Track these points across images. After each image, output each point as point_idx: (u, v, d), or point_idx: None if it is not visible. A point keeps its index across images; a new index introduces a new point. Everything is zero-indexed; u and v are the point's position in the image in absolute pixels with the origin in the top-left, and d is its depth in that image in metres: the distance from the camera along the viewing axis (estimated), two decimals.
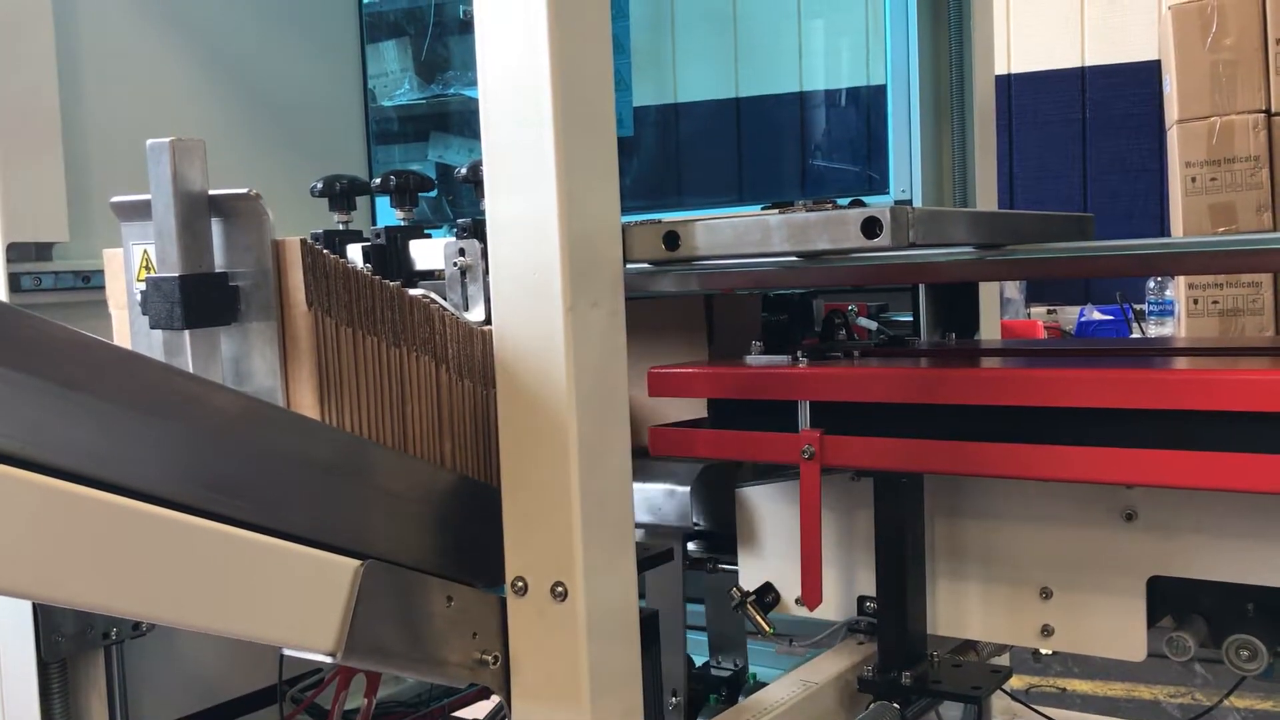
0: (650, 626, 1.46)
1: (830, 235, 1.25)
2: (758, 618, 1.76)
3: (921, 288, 2.24)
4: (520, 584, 1.35)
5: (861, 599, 1.72)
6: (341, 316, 1.27)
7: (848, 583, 1.74)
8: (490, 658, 1.36)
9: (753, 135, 3.01)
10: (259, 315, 1.26)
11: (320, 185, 1.64)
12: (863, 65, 2.84)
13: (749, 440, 1.57)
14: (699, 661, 2.46)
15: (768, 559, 1.81)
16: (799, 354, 1.56)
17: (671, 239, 1.35)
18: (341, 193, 1.62)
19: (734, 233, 1.31)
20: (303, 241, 1.24)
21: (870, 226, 1.22)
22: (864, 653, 1.67)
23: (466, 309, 1.51)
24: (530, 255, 1.31)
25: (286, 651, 1.31)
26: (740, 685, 1.94)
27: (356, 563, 1.23)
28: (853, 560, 1.74)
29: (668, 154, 3.15)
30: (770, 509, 1.80)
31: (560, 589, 1.33)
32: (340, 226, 1.66)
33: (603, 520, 1.35)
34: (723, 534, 1.80)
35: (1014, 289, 4.92)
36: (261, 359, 1.27)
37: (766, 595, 1.80)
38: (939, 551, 1.65)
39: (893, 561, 1.55)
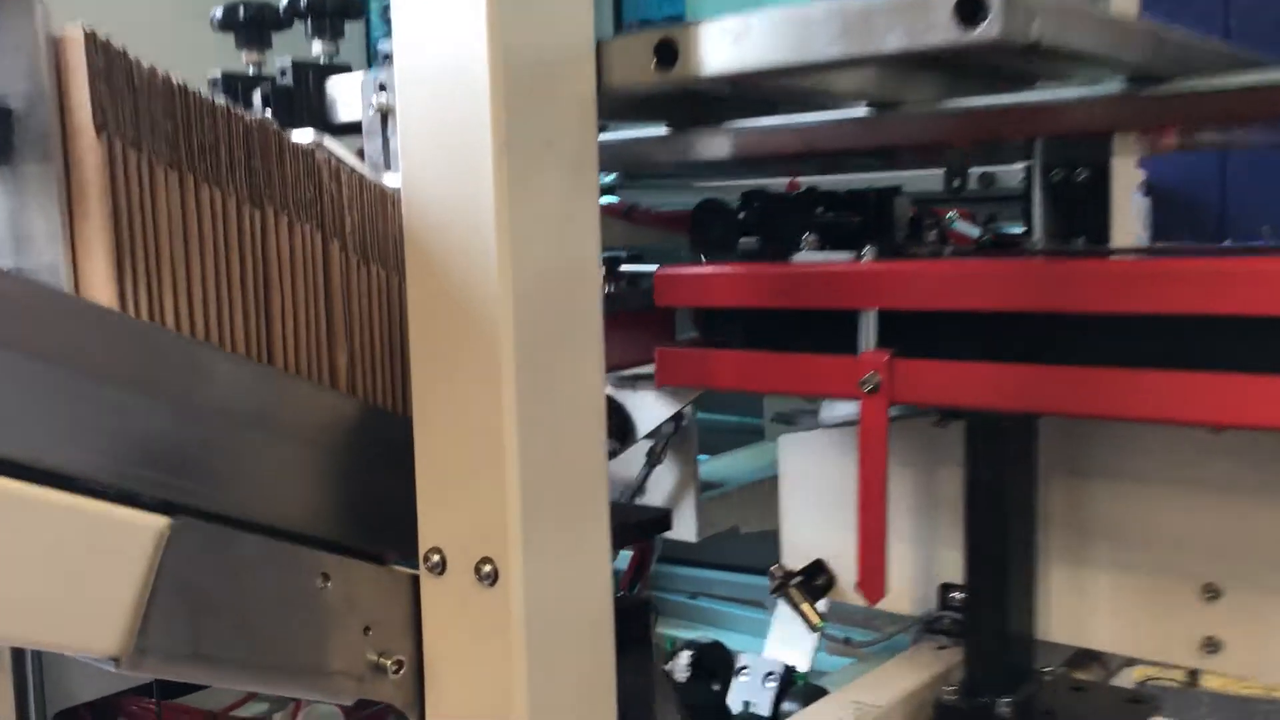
0: (633, 620, 1.03)
1: (908, 26, 0.78)
2: (804, 606, 1.32)
3: (1037, 189, 1.73)
4: (436, 559, 0.93)
5: (945, 589, 1.27)
6: (159, 153, 0.85)
7: (926, 566, 1.29)
8: (391, 663, 0.94)
9: None
10: (36, 151, 0.84)
11: (220, 14, 1.21)
12: None
13: (791, 365, 1.12)
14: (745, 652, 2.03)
15: (819, 529, 1.36)
16: (867, 252, 1.10)
17: (666, 52, 0.90)
18: (248, 23, 1.19)
19: (760, 37, 0.86)
20: (90, 36, 0.82)
21: (970, 9, 0.76)
22: (945, 662, 1.22)
23: (388, 167, 1.08)
24: (447, 68, 0.87)
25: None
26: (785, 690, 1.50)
27: (160, 521, 0.81)
28: (934, 536, 1.28)
29: None
30: (821, 463, 1.34)
31: (487, 569, 0.90)
32: (251, 70, 1.23)
33: (555, 471, 0.91)
34: None
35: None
36: (42, 216, 0.85)
37: (816, 577, 1.35)
38: (1054, 526, 1.19)
39: (990, 538, 1.09)
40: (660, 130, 1.22)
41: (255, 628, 0.86)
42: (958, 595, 1.25)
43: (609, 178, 1.91)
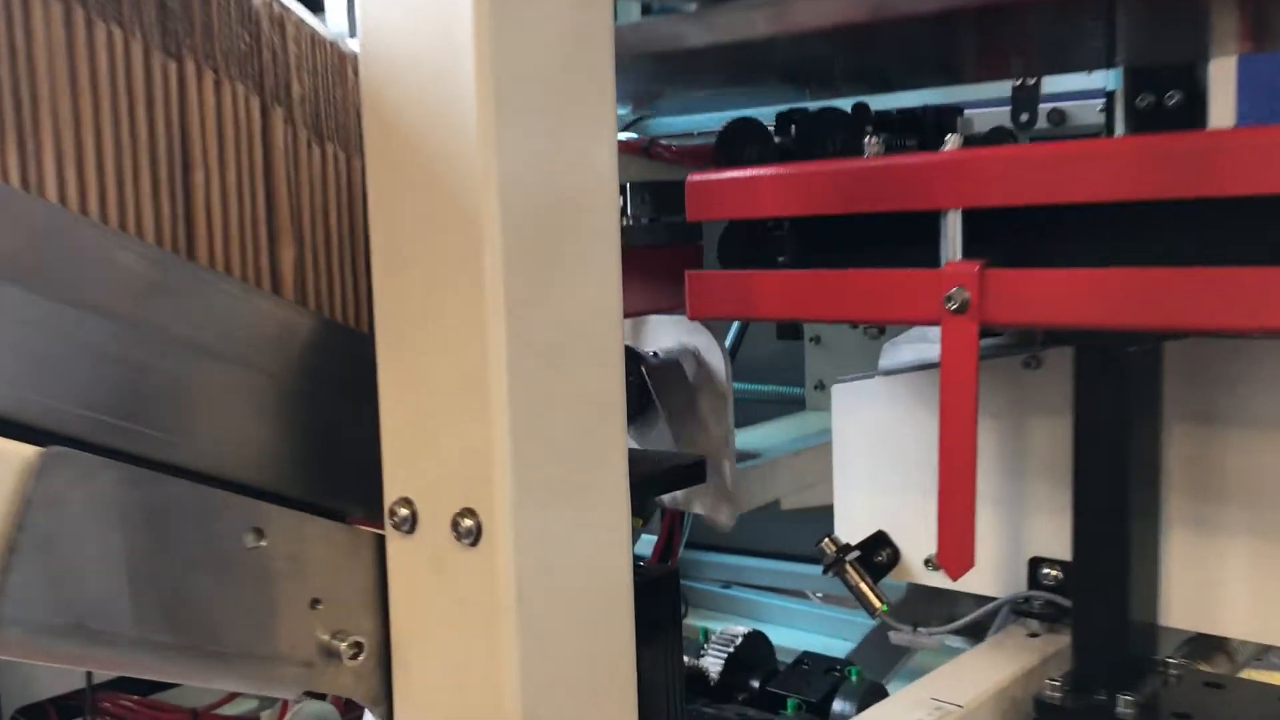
0: (660, 596, 0.82)
1: None
2: (862, 586, 1.10)
3: (1119, 120, 1.51)
4: (404, 513, 0.72)
5: (1036, 563, 1.05)
6: None
7: (1013, 538, 1.07)
8: (348, 646, 0.73)
9: None
10: None
11: None
12: None
13: (854, 285, 0.90)
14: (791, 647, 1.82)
15: (881, 495, 1.14)
16: (951, 140, 0.88)
17: None
18: None
19: None
20: None
21: None
22: (1039, 652, 1.00)
23: (354, 34, 0.88)
24: None
25: None
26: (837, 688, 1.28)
27: (25, 451, 0.60)
28: (1022, 501, 1.06)
29: None
30: (885, 415, 1.13)
31: (468, 523, 0.69)
32: None
33: (554, 402, 0.71)
34: None
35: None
36: None
37: (878, 552, 1.14)
38: (1173, 486, 0.97)
39: (1106, 500, 0.88)
40: (689, 6, 1.01)
41: (160, 596, 0.65)
42: (1052, 572, 1.03)
43: (623, 110, 1.70)
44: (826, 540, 1.13)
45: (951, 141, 0.87)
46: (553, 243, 0.70)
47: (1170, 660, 0.92)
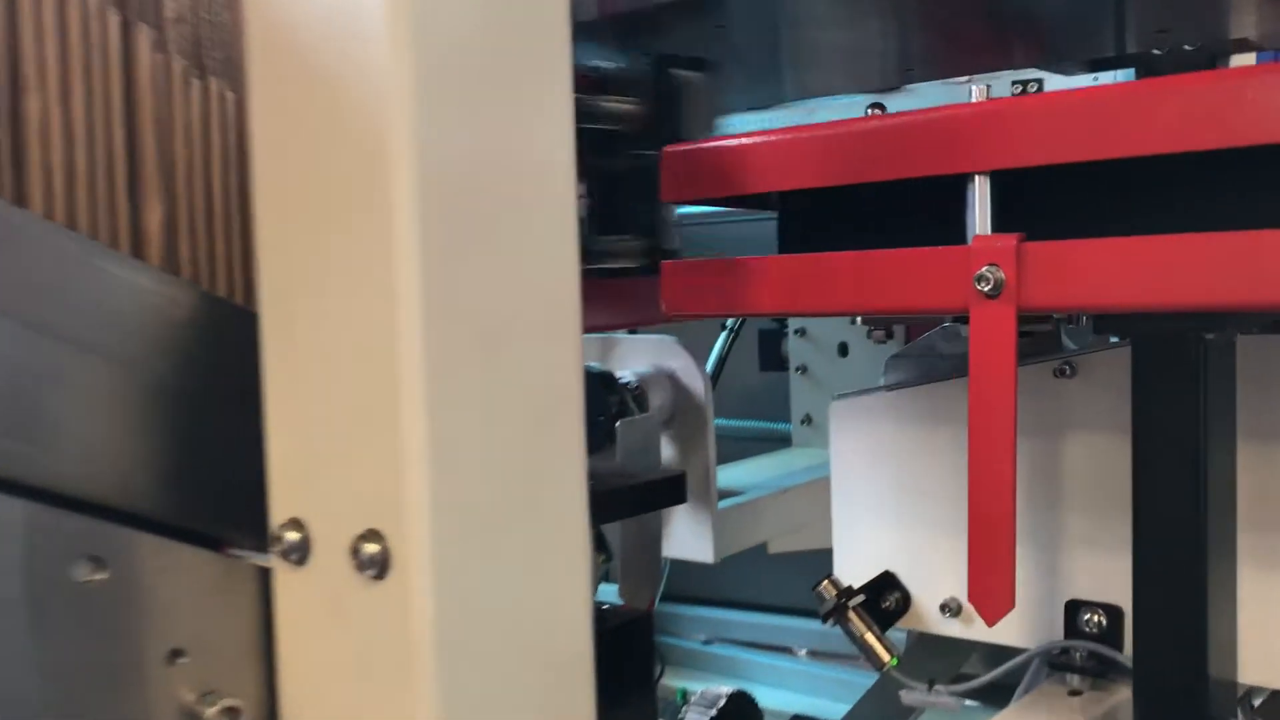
0: (630, 644, 0.65)
1: None
2: (868, 636, 0.94)
3: None
4: (293, 538, 0.56)
5: (1075, 608, 0.89)
6: None
7: (1044, 579, 0.91)
8: (219, 712, 0.56)
9: None
10: None
11: None
12: None
13: (861, 270, 0.75)
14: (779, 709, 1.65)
15: (888, 529, 0.98)
16: (977, 91, 0.74)
17: None
18: None
19: None
20: None
21: None
22: (1085, 713, 0.84)
23: None
24: None
25: None
26: None
27: None
28: (1054, 535, 0.91)
29: None
30: (892, 436, 0.97)
31: (372, 550, 0.53)
32: None
33: (486, 400, 0.55)
34: None
35: None
36: None
37: (885, 596, 0.97)
38: (1242, 516, 0.81)
39: (1176, 529, 0.72)
40: None
41: None
42: (1094, 617, 0.87)
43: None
44: (826, 583, 0.96)
45: (977, 93, 0.73)
46: (487, 206, 0.54)
47: None
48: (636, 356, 1.32)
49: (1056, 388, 0.89)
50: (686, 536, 1.34)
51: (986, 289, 0.69)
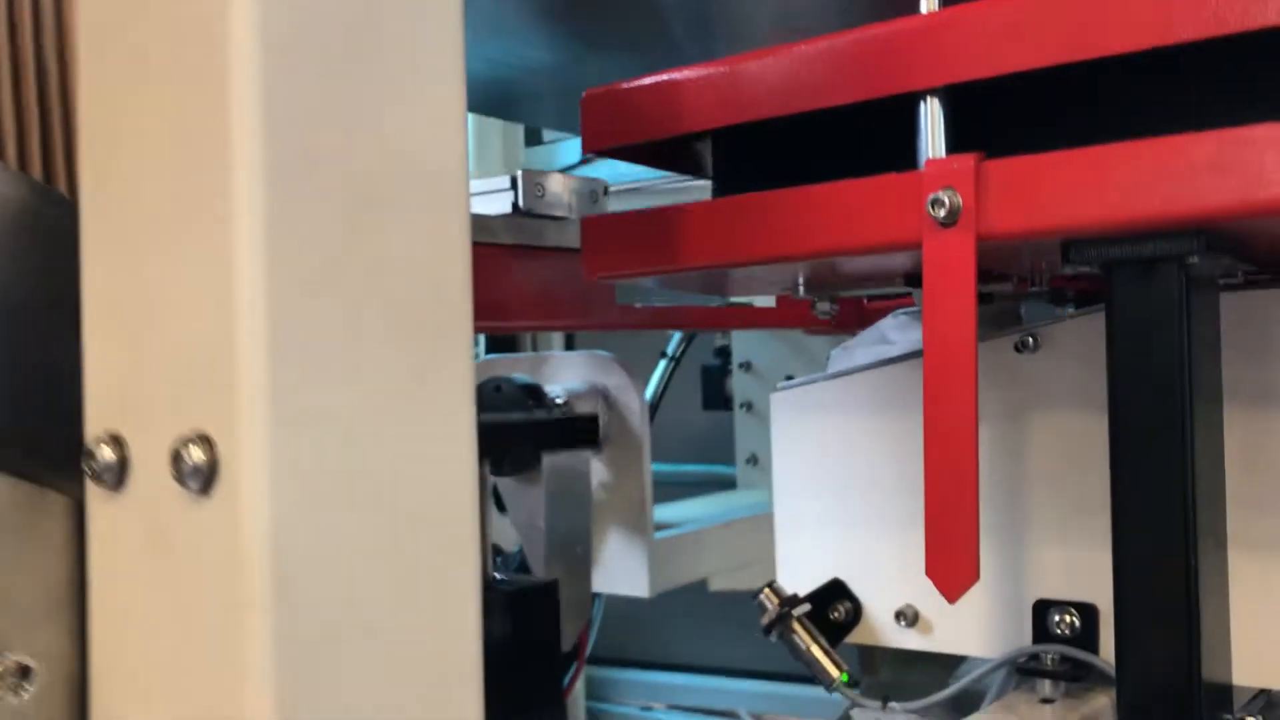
0: (532, 611, 0.55)
1: None
2: (814, 649, 0.84)
3: None
4: (108, 457, 0.46)
5: (1043, 608, 0.79)
6: None
7: (1008, 578, 0.82)
8: (11, 671, 0.45)
9: None
10: None
11: None
12: None
13: (804, 206, 0.67)
14: None
15: (832, 532, 0.89)
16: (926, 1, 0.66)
17: None
18: None
19: None
20: None
21: None
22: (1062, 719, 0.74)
23: None
24: None
25: None
26: None
27: None
28: (1018, 529, 0.81)
29: None
30: (838, 429, 0.88)
31: (196, 457, 0.43)
32: None
33: (341, 266, 0.45)
34: None
35: None
36: None
37: (833, 605, 0.87)
38: (1230, 492, 0.73)
39: (1162, 508, 0.62)
40: None
41: None
42: (1066, 618, 0.78)
43: None
44: (767, 590, 0.86)
45: (925, 3, 0.65)
46: (347, 30, 0.45)
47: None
48: (569, 371, 1.23)
49: (1018, 364, 0.81)
50: (619, 569, 1.23)
51: (942, 215, 0.61)
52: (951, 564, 0.61)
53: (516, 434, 0.75)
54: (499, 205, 1.11)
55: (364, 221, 0.45)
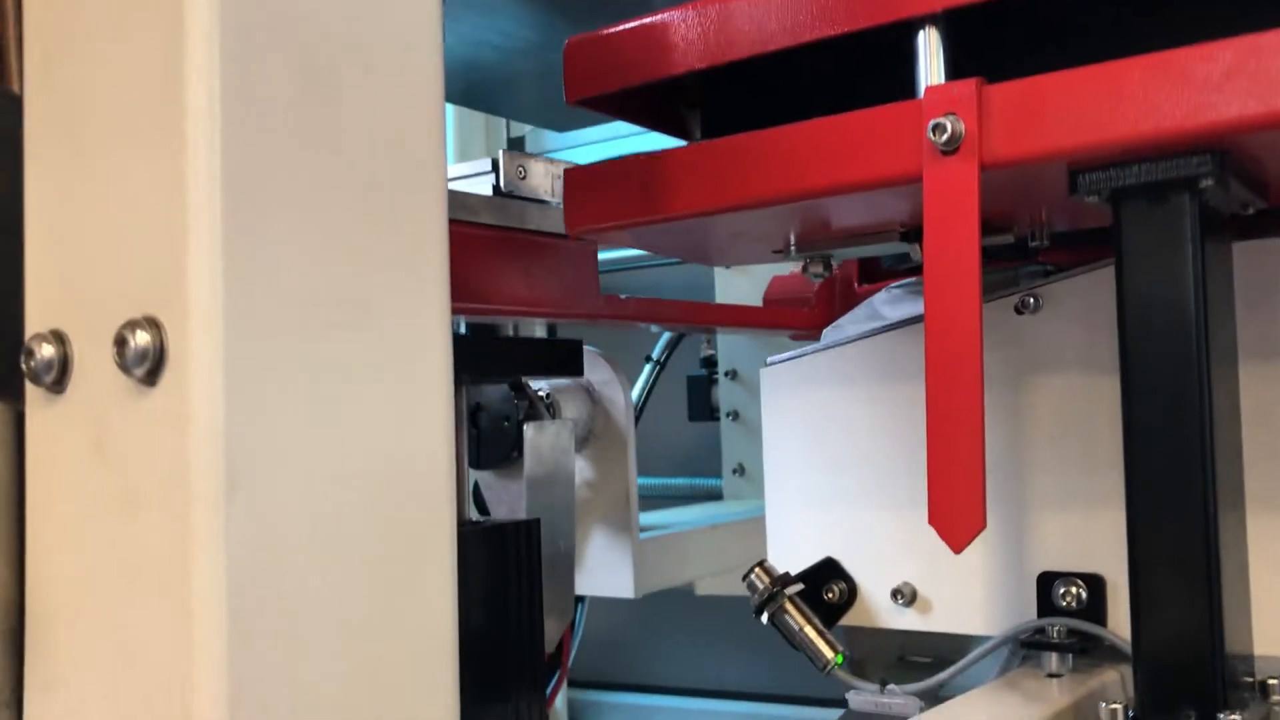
0: (512, 550, 0.51)
1: None
2: (808, 630, 0.80)
3: None
4: (47, 355, 0.42)
5: (1048, 580, 0.76)
6: None
7: (1010, 549, 0.78)
8: None
9: None
10: None
11: None
12: None
13: (799, 143, 0.63)
14: None
15: (824, 509, 0.85)
16: None
17: None
18: None
19: None
20: None
21: None
22: (1067, 696, 0.70)
23: None
24: None
25: None
26: None
27: None
28: (1019, 498, 0.78)
29: None
30: (826, 404, 0.85)
31: (144, 341, 0.39)
32: None
33: (302, 142, 0.42)
34: None
35: None
36: None
37: (827, 585, 0.83)
38: (1245, 450, 0.69)
39: (1181, 469, 0.59)
40: None
41: None
42: (1073, 589, 0.74)
43: None
44: (758, 569, 0.83)
45: None
46: None
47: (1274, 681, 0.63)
48: None
49: (1019, 326, 0.78)
50: (603, 570, 1.19)
51: (943, 141, 0.58)
52: (956, 509, 0.58)
53: (496, 349, 0.71)
54: (480, 190, 1.08)
55: (323, 90, 0.41)
